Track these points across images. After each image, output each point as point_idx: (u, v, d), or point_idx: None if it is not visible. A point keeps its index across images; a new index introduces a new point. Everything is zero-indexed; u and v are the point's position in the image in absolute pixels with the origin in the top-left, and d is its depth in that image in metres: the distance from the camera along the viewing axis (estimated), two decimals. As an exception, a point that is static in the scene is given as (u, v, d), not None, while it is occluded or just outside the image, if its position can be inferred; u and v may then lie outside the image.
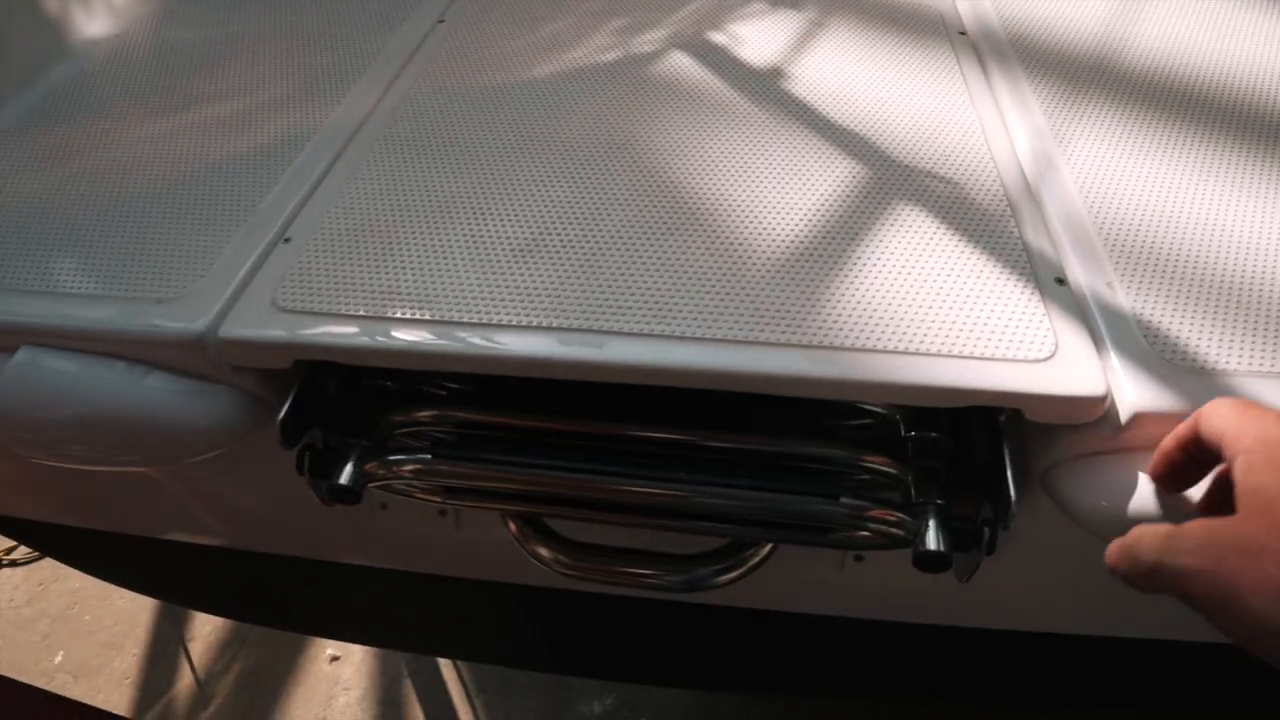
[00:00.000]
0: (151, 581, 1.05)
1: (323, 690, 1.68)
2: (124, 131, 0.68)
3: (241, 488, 0.69)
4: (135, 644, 1.80)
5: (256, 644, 1.77)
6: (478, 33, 0.79)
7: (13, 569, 1.94)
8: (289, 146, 0.65)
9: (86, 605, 1.86)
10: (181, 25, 0.83)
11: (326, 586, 0.86)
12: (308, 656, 1.73)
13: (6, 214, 0.61)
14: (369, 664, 1.71)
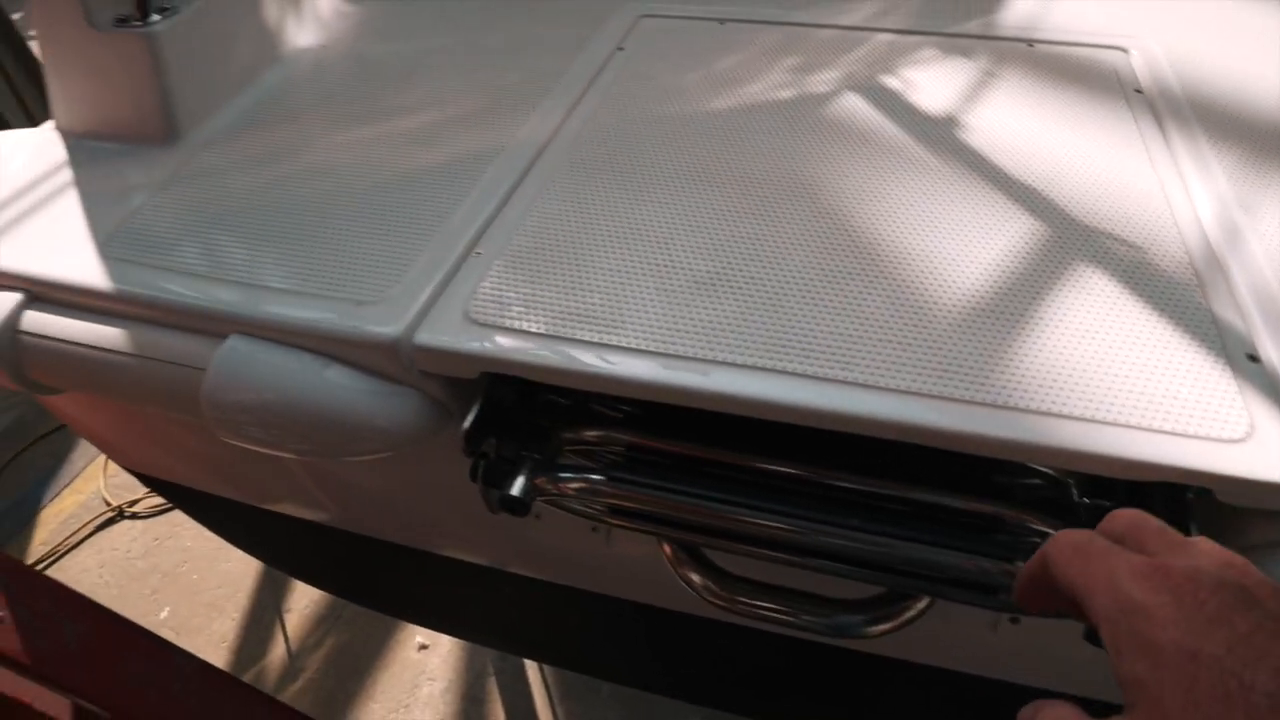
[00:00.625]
0: (266, 548, 1.10)
1: (408, 678, 1.72)
2: (325, 137, 0.73)
3: (384, 482, 0.73)
4: (236, 608, 1.89)
5: (349, 624, 1.83)
6: (655, 63, 0.81)
7: (133, 521, 2.08)
8: (478, 162, 0.68)
9: (195, 565, 1.97)
10: (378, 40, 0.88)
11: (431, 576, 0.89)
12: (397, 642, 1.79)
13: (223, 208, 0.65)
14: (455, 656, 1.75)
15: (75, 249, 0.63)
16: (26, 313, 0.61)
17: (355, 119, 0.75)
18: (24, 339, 0.60)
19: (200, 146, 0.73)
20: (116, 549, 2.00)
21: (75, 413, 0.82)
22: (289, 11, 0.86)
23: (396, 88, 0.80)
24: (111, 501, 2.09)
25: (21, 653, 0.58)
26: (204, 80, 0.75)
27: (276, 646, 1.82)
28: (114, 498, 2.11)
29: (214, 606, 1.87)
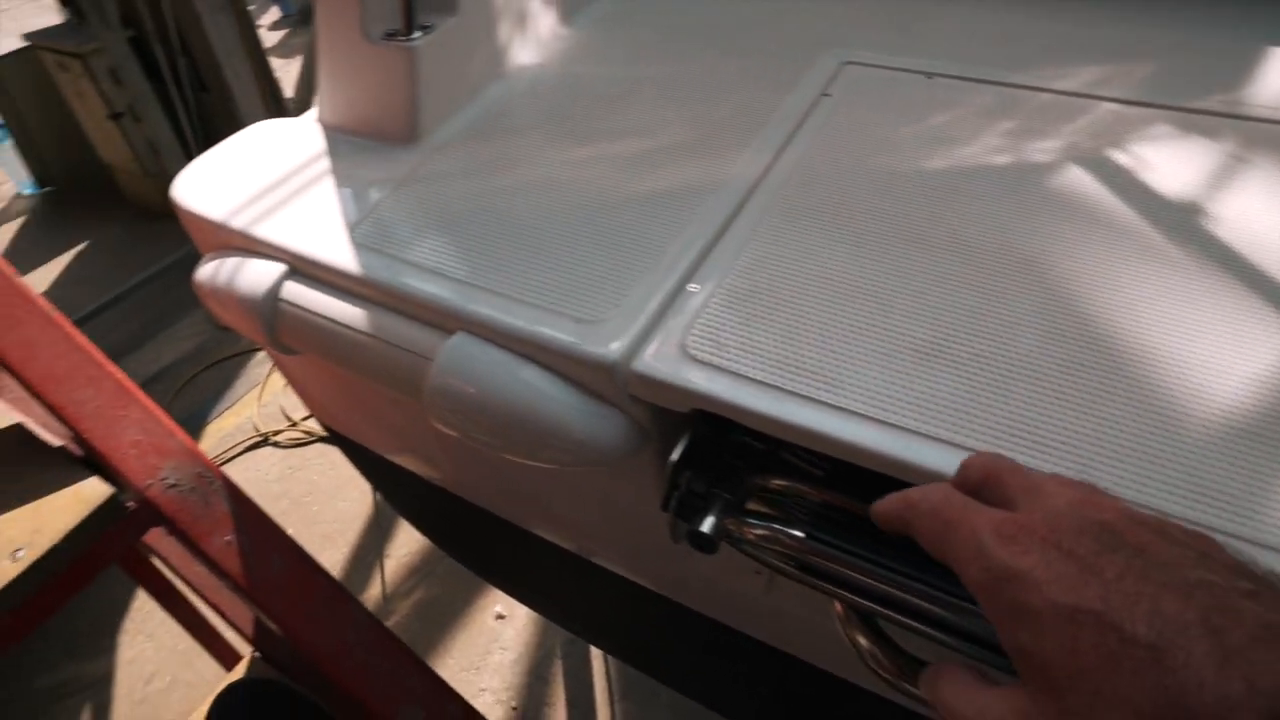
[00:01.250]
0: (406, 503, 1.18)
1: (482, 643, 1.82)
2: (543, 153, 0.77)
3: (554, 483, 0.76)
4: (345, 544, 2.05)
5: (440, 580, 1.95)
6: (864, 112, 0.79)
7: (275, 449, 2.28)
8: (691, 194, 0.70)
9: (318, 498, 2.14)
10: (592, 63, 0.92)
11: (540, 557, 0.91)
12: (478, 607, 1.88)
13: (453, 210, 0.71)
14: (529, 632, 1.83)
15: (330, 232, 0.70)
16: (287, 283, 0.70)
17: (571, 138, 0.79)
18: (282, 305, 0.70)
19: (434, 150, 0.80)
20: (258, 470, 2.19)
21: (295, 369, 0.91)
22: (515, 33, 0.93)
23: (610, 111, 0.83)
24: (260, 429, 2.30)
25: (239, 574, 0.67)
26: (444, 90, 0.83)
27: (374, 585, 1.95)
28: (263, 425, 2.31)
29: (328, 538, 2.02)
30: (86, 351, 0.68)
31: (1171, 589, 0.24)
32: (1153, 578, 0.25)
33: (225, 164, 0.82)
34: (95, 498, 0.65)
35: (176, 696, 1.75)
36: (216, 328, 2.67)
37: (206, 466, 0.68)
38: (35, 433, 0.73)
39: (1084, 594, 0.25)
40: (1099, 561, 0.26)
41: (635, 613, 0.93)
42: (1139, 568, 0.25)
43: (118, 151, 3.17)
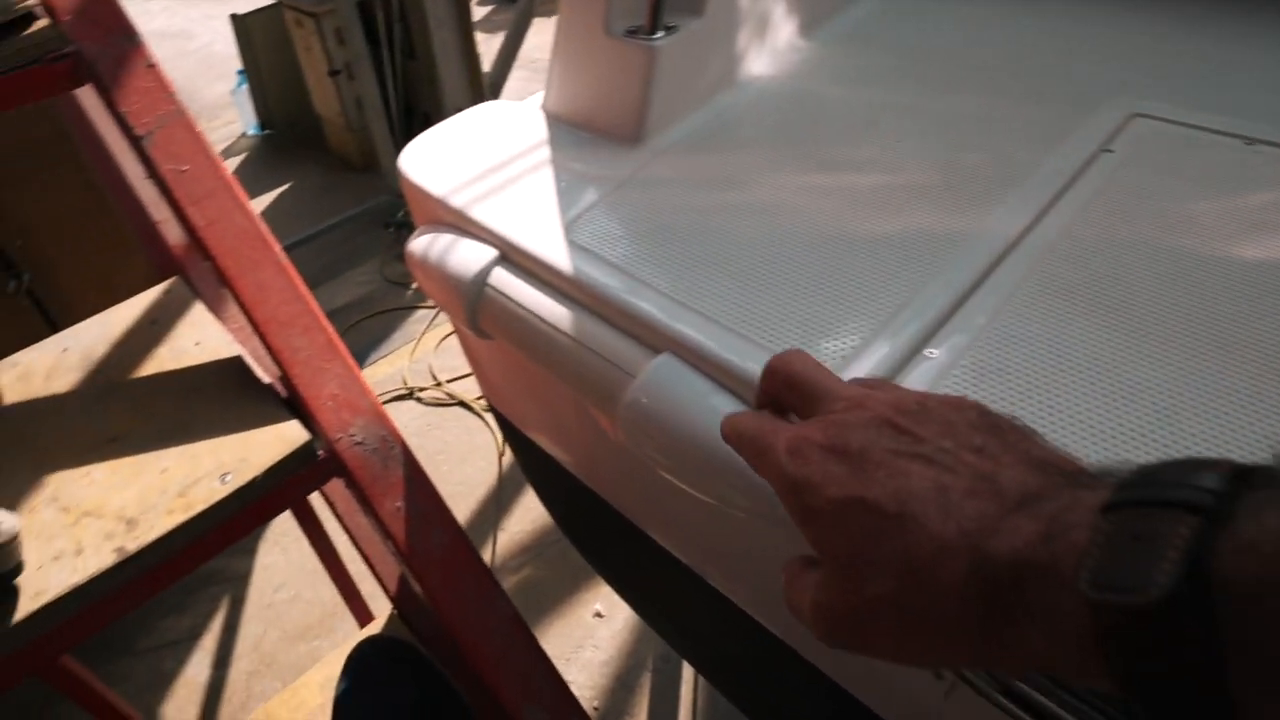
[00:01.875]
0: (538, 476, 1.18)
1: (576, 637, 1.81)
2: (769, 174, 0.74)
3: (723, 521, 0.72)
4: (466, 509, 2.12)
5: (547, 564, 1.97)
6: (1154, 178, 0.68)
7: (416, 404, 2.39)
8: (932, 247, 0.64)
9: (449, 458, 2.23)
10: (829, 82, 0.88)
11: (654, 561, 0.87)
12: (579, 600, 1.89)
13: (670, 221, 0.70)
14: (623, 638, 1.82)
15: (545, 224, 0.71)
16: (496, 269, 0.71)
17: (802, 162, 0.76)
18: (488, 291, 0.71)
19: (657, 154, 0.79)
20: (399, 421, 2.26)
21: (479, 347, 0.93)
22: (754, 41, 0.91)
23: (846, 138, 0.78)
24: (407, 383, 2.42)
25: (402, 540, 0.69)
26: (676, 94, 0.81)
27: (484, 555, 2.00)
28: (410, 380, 2.44)
29: (450, 499, 2.06)
30: (306, 302, 0.71)
31: (919, 461, 0.29)
32: (905, 455, 0.29)
33: (451, 140, 0.85)
34: (295, 440, 0.68)
35: (298, 610, 1.87)
36: (386, 280, 2.84)
37: (390, 431, 0.70)
38: (251, 367, 0.77)
39: (851, 487, 0.29)
40: (866, 455, 0.30)
41: (765, 662, 0.89)
42: (899, 451, 0.29)
43: (329, 105, 3.44)
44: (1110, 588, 0.22)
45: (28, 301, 1.72)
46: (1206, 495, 0.22)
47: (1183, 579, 0.21)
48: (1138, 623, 0.22)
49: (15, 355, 0.82)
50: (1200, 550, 0.21)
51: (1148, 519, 0.23)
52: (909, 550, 0.27)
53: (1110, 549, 0.23)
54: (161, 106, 0.75)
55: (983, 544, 0.26)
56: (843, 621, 0.30)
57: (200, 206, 0.73)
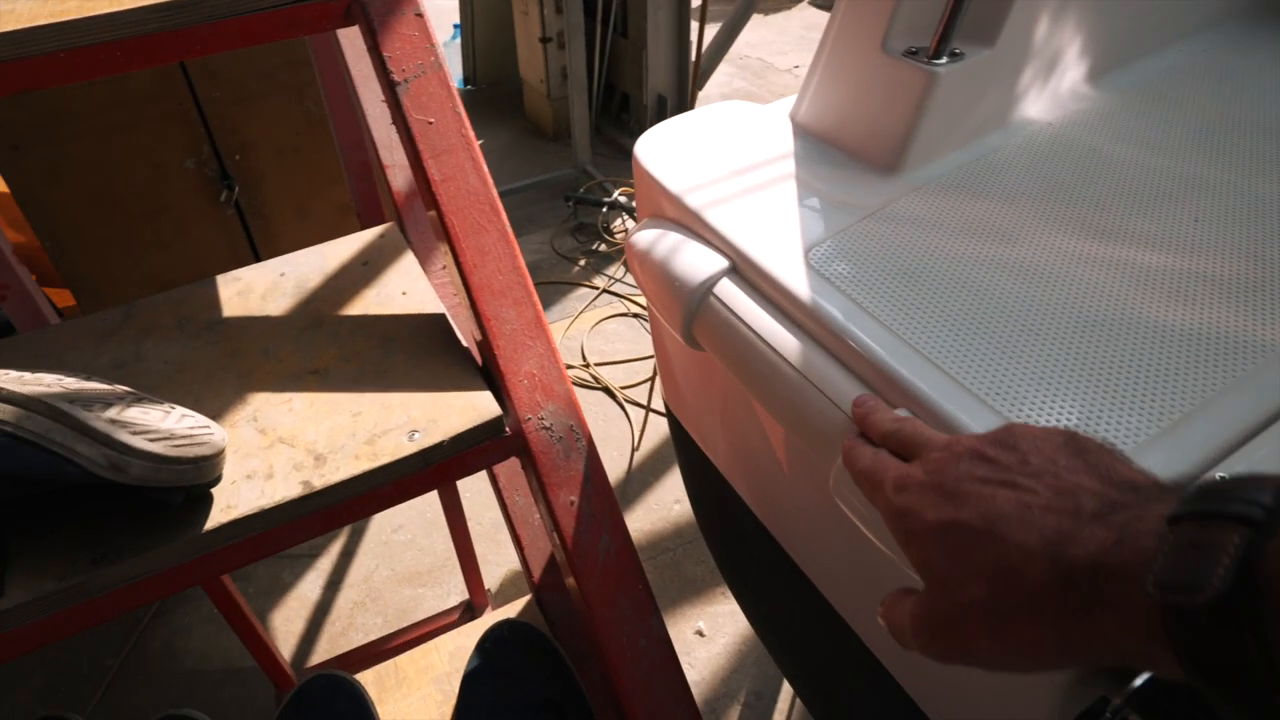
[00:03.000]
0: (696, 482, 1.14)
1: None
2: (1037, 232, 0.66)
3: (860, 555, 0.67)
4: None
5: (659, 569, 1.94)
6: None
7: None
8: (1233, 351, 0.55)
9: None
10: (1118, 138, 0.77)
11: (799, 596, 0.83)
12: (681, 615, 1.85)
13: (922, 266, 0.63)
14: (720, 663, 1.76)
15: (785, 242, 0.66)
16: (724, 280, 0.67)
17: (1076, 225, 0.67)
18: (711, 301, 0.66)
19: (913, 188, 0.72)
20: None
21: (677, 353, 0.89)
22: (1037, 80, 0.81)
23: (1131, 207, 0.69)
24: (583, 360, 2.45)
25: (570, 538, 0.66)
26: (946, 126, 0.74)
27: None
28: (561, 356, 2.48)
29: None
30: (522, 274, 0.69)
31: (1005, 487, 0.34)
32: (993, 482, 0.35)
33: (692, 134, 0.81)
34: (486, 413, 0.67)
35: (410, 554, 1.93)
36: (555, 252, 2.89)
37: (580, 421, 0.67)
38: (453, 326, 0.77)
39: (946, 511, 0.35)
40: (959, 487, 0.35)
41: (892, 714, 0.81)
42: (987, 478, 0.35)
43: (534, 70, 3.54)
44: (1172, 588, 0.26)
45: (233, 211, 1.87)
46: (1257, 509, 0.26)
47: (1234, 582, 0.24)
48: (1196, 619, 0.25)
49: (238, 271, 0.85)
50: (1250, 556, 0.25)
51: (1206, 529, 0.26)
52: (998, 559, 0.32)
53: (1173, 555, 0.27)
54: (422, 56, 0.75)
55: (1062, 549, 0.30)
56: (940, 628, 0.35)
57: (440, 160, 0.72)
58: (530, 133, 3.74)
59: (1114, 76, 0.87)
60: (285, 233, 1.95)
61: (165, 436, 0.54)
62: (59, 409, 0.51)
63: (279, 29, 0.75)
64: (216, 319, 0.79)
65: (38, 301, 1.23)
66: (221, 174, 1.81)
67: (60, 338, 0.78)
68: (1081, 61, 0.84)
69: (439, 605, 1.81)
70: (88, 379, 0.58)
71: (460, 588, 1.84)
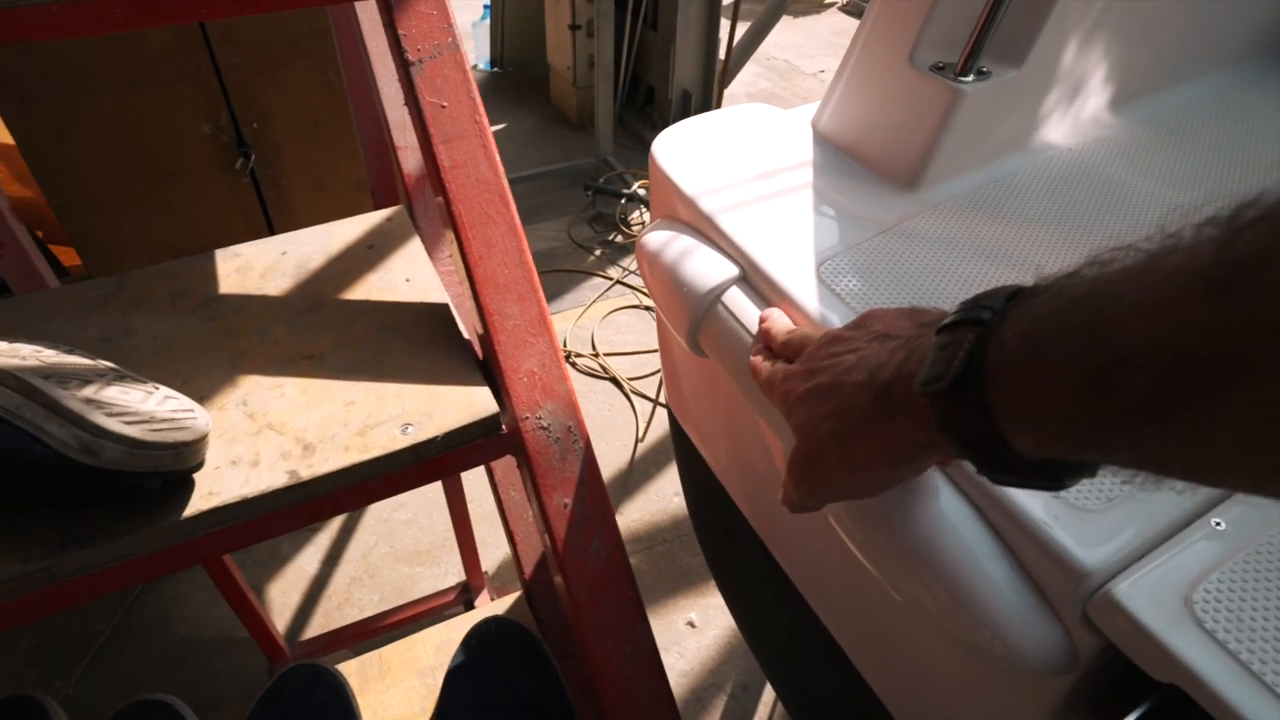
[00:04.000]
0: (692, 480, 1.14)
1: (664, 640, 1.76)
2: (1043, 258, 0.64)
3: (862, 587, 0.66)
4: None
5: (654, 558, 1.93)
6: None
7: (569, 369, 2.41)
8: None
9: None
10: (1137, 170, 0.75)
11: (793, 611, 0.83)
12: (674, 605, 1.84)
13: (937, 287, 0.61)
14: (709, 654, 1.75)
15: (798, 254, 0.64)
16: (734, 288, 0.65)
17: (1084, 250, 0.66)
18: (719, 309, 0.65)
19: (929, 206, 0.70)
20: (549, 383, 2.34)
21: (682, 361, 0.88)
22: (1060, 105, 0.79)
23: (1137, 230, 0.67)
24: (566, 346, 2.44)
25: (560, 540, 0.65)
26: (967, 145, 0.72)
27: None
28: (570, 344, 2.46)
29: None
30: (528, 269, 0.68)
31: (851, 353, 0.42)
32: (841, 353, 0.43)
33: (711, 136, 0.79)
34: (482, 409, 0.66)
35: (410, 533, 1.93)
36: (571, 240, 2.88)
37: (578, 422, 0.66)
38: (455, 318, 0.76)
39: (810, 381, 0.44)
40: (820, 364, 0.44)
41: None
42: (839, 352, 0.43)
43: (561, 57, 3.51)
44: (929, 382, 0.34)
45: (249, 180, 1.86)
46: (987, 312, 0.32)
47: (963, 369, 0.32)
48: (945, 401, 0.33)
49: (238, 246, 0.84)
50: (976, 349, 0.32)
51: (955, 333, 0.33)
52: (839, 398, 0.41)
53: (932, 357, 0.34)
54: (439, 36, 0.73)
55: (876, 375, 0.39)
56: (806, 466, 0.43)
57: (450, 146, 0.71)
58: (554, 119, 3.72)
59: (1135, 106, 0.85)
60: (300, 204, 1.95)
61: (144, 419, 0.53)
62: (31, 384, 0.49)
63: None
64: (212, 295, 0.78)
65: (34, 261, 1.20)
66: (238, 141, 1.80)
67: (47, 305, 0.76)
68: (1105, 89, 0.82)
69: (436, 585, 1.81)
70: (69, 352, 0.56)
71: (458, 568, 1.84)
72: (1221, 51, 0.92)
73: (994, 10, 0.64)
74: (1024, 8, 0.69)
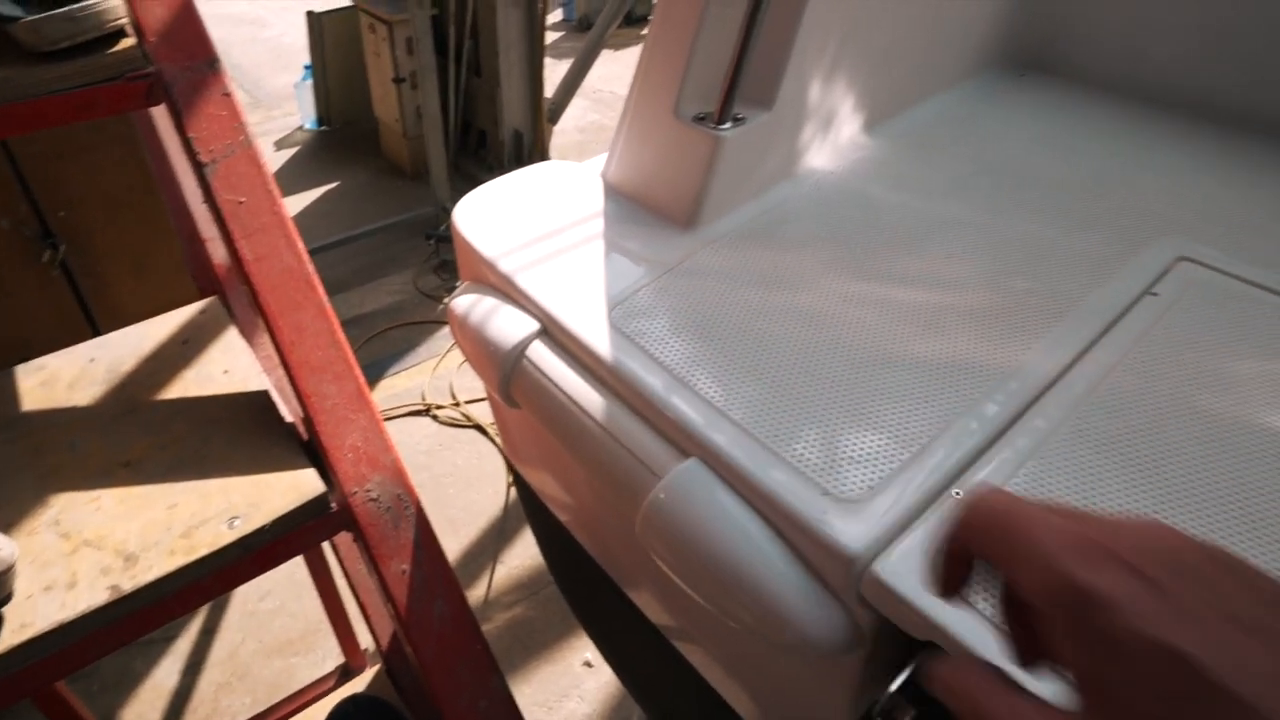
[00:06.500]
0: (543, 531, 1.16)
1: (563, 685, 1.78)
2: (818, 278, 0.73)
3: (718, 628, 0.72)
4: (466, 536, 2.10)
5: (541, 604, 1.94)
6: (1197, 329, 0.68)
7: (432, 422, 2.38)
8: (971, 379, 0.63)
9: (455, 482, 2.22)
10: (888, 186, 0.86)
11: (643, 638, 0.86)
12: (570, 646, 1.86)
13: (713, 318, 0.68)
14: (610, 691, 1.78)
15: (589, 303, 0.70)
16: (536, 342, 0.70)
17: (849, 269, 0.75)
18: (524, 364, 0.70)
19: (708, 242, 0.78)
20: (411, 438, 2.30)
21: (510, 414, 0.91)
22: (817, 135, 0.90)
23: (897, 248, 0.77)
24: (426, 399, 2.42)
25: (403, 605, 0.67)
26: (736, 184, 0.80)
27: (479, 587, 1.98)
28: (429, 396, 2.43)
29: (451, 524, 2.08)
30: (343, 349, 0.70)
31: (1255, 637, 0.24)
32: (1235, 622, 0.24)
33: (509, 198, 0.84)
34: (309, 491, 0.67)
35: (279, 622, 1.85)
36: (419, 291, 2.85)
37: (407, 490, 0.68)
38: (276, 404, 0.77)
39: (1174, 632, 0.24)
40: (1181, 595, 0.25)
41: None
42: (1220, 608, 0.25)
43: (389, 110, 3.49)
44: None
45: (59, 273, 1.74)
46: None
47: None
48: None
49: (42, 359, 0.81)
50: None
51: None
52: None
53: None
54: (230, 136, 0.75)
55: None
56: None
57: (251, 240, 0.72)
58: (388, 172, 3.69)
59: (886, 127, 0.97)
60: (122, 293, 1.84)
61: (-63, 564, 0.51)
62: None
63: (74, 112, 0.73)
64: (14, 414, 0.75)
65: None
66: (43, 233, 1.69)
67: None
68: (856, 115, 0.94)
69: (314, 673, 1.73)
70: None
71: (336, 651, 1.78)
72: (954, 71, 1.07)
73: (740, 62, 0.73)
74: (766, 57, 0.79)
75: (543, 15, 3.05)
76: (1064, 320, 0.69)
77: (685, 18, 0.77)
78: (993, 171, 0.90)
